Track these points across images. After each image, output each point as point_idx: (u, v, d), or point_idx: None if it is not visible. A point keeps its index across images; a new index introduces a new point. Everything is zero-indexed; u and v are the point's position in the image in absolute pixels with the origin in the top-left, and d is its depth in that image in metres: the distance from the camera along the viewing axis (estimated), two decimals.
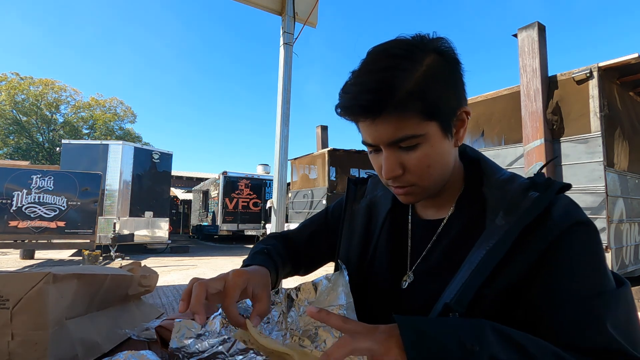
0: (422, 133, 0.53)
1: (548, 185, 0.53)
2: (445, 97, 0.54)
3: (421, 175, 0.57)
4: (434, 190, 0.60)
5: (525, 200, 0.52)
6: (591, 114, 4.36)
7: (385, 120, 0.53)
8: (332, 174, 9.27)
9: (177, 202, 19.33)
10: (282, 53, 2.83)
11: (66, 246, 7.87)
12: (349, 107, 0.54)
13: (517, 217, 0.51)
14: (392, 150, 0.55)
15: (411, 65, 0.52)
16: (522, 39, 4.97)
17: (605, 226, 4.19)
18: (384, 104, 0.51)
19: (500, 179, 0.59)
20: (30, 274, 0.52)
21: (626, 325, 0.47)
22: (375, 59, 0.54)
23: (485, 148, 5.71)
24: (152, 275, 0.97)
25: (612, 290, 0.48)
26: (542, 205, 0.51)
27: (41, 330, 0.52)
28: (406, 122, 0.52)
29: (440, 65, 0.54)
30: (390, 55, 0.53)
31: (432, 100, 0.52)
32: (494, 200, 0.56)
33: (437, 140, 0.55)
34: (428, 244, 0.63)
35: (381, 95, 0.51)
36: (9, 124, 23.85)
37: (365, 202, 0.77)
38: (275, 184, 2.81)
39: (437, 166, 0.57)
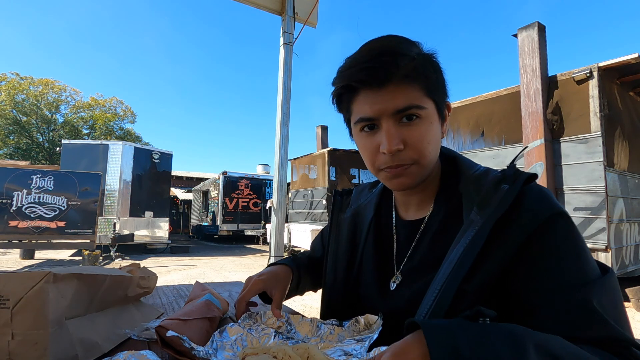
0: (425, 107, 0.56)
1: (516, 177, 0.54)
2: (441, 81, 0.58)
3: (422, 152, 0.57)
4: (426, 175, 0.61)
5: (497, 194, 0.53)
6: (591, 114, 4.36)
7: (392, 89, 0.54)
8: (332, 174, 9.27)
9: (177, 202, 19.32)
10: (282, 53, 2.83)
11: (66, 246, 7.87)
12: (359, 71, 0.54)
13: (490, 211, 0.52)
14: (394, 122, 0.56)
15: (414, 47, 0.56)
16: (522, 39, 4.97)
17: (605, 226, 4.19)
18: (396, 69, 0.53)
19: (475, 174, 0.60)
20: (30, 274, 0.52)
21: (616, 310, 0.47)
22: (383, 37, 0.57)
23: (485, 148, 5.71)
24: (151, 276, 0.97)
25: (598, 278, 0.48)
26: (511, 197, 0.52)
27: (41, 330, 0.52)
28: (412, 92, 0.54)
29: (432, 57, 0.58)
30: (397, 36, 0.57)
31: (432, 80, 0.56)
32: (469, 196, 0.57)
33: (434, 120, 0.58)
34: (412, 244, 0.65)
35: (396, 59, 0.53)
36: (9, 124, 23.83)
37: (350, 211, 0.80)
38: (275, 184, 2.81)
39: (434, 145, 0.58)
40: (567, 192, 4.53)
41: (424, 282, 0.56)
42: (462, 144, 6.14)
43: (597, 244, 4.26)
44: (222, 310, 0.89)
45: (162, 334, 0.64)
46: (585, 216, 4.37)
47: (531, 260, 0.50)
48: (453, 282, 0.51)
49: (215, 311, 0.82)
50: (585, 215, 4.36)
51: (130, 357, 0.57)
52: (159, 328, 0.66)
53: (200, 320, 0.73)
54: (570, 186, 4.51)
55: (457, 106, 6.05)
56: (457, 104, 6.04)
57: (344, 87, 0.58)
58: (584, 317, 0.46)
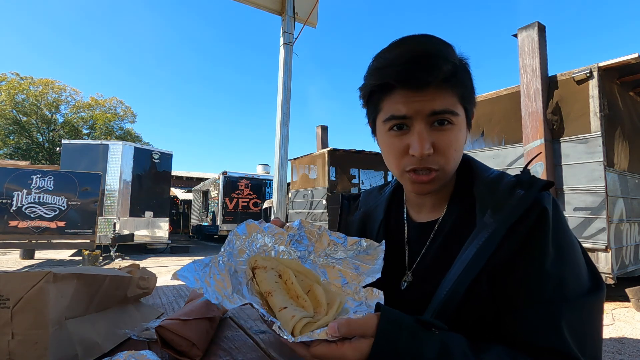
0: (458, 113, 0.56)
1: (532, 183, 0.55)
2: (472, 91, 0.59)
3: (448, 158, 0.57)
4: (447, 179, 0.62)
5: (512, 199, 0.54)
6: (591, 114, 4.36)
7: (431, 91, 0.53)
8: (332, 174, 9.27)
9: (177, 202, 19.32)
10: (282, 53, 2.83)
11: (66, 246, 7.88)
12: (397, 72, 0.53)
13: (504, 215, 0.53)
14: (426, 125, 0.55)
15: (452, 51, 0.56)
16: (522, 39, 4.98)
17: (605, 226, 4.19)
18: (436, 74, 0.52)
19: (489, 177, 0.61)
20: (30, 273, 0.53)
21: (583, 334, 0.48)
22: (417, 37, 0.56)
23: (485, 148, 5.71)
24: (151, 277, 0.97)
25: (577, 297, 0.49)
26: (527, 202, 0.52)
27: (41, 330, 0.52)
28: (448, 97, 0.54)
29: (467, 64, 0.58)
30: (432, 38, 0.56)
31: (467, 88, 0.57)
32: (483, 199, 0.58)
33: (463, 128, 0.58)
34: (424, 245, 0.65)
35: (441, 63, 0.52)
36: (9, 124, 23.83)
37: (359, 214, 0.81)
38: (275, 184, 2.81)
39: (459, 153, 0.59)
40: (567, 192, 4.53)
41: (435, 283, 0.56)
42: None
43: (597, 244, 4.26)
44: (222, 310, 0.89)
45: (162, 333, 0.64)
46: (585, 216, 4.37)
47: (522, 264, 0.51)
48: (463, 283, 0.51)
49: (215, 311, 0.82)
50: (585, 215, 4.36)
51: (130, 357, 0.57)
52: (159, 328, 0.66)
53: (200, 320, 0.73)
54: (570, 186, 4.51)
55: None
56: None
57: (379, 85, 0.56)
58: (546, 330, 0.47)
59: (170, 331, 0.64)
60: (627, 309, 4.27)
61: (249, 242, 0.65)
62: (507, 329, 0.50)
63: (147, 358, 0.58)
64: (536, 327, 0.48)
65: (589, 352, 0.48)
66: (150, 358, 0.58)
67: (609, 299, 4.64)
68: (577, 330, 0.48)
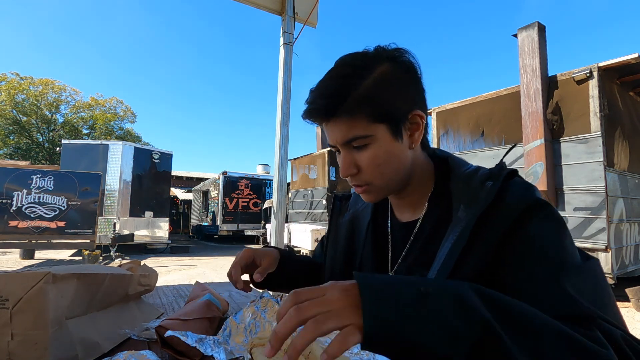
0: (371, 134, 0.58)
1: (499, 173, 0.57)
2: (394, 101, 0.59)
3: (373, 174, 0.61)
4: (390, 190, 0.65)
5: (483, 191, 0.55)
6: (591, 114, 4.36)
7: (337, 122, 0.59)
8: (332, 174, 9.27)
9: (177, 202, 19.32)
10: (282, 53, 2.82)
11: (66, 246, 7.87)
12: (308, 112, 0.60)
13: (475, 208, 0.54)
14: (347, 150, 0.61)
15: (363, 72, 0.58)
16: (522, 39, 4.98)
17: (605, 226, 4.19)
18: (335, 108, 0.57)
19: (465, 172, 0.62)
20: (30, 274, 0.52)
21: (595, 295, 0.46)
22: (335, 69, 0.61)
23: (485, 148, 5.71)
24: (152, 274, 0.97)
25: (577, 264, 0.48)
26: (493, 192, 0.54)
27: (41, 330, 0.52)
28: (355, 124, 0.58)
29: (391, 72, 0.59)
30: (346, 65, 0.60)
31: (380, 105, 0.57)
32: (458, 195, 0.59)
33: (387, 142, 0.59)
34: (406, 244, 0.66)
35: (334, 100, 0.57)
36: (9, 124, 23.81)
37: (349, 215, 0.83)
38: (275, 184, 2.81)
39: (387, 166, 0.61)
40: (567, 192, 4.52)
41: None
42: (462, 144, 6.14)
43: (597, 244, 4.26)
44: (222, 310, 0.89)
45: (162, 334, 0.64)
46: (585, 216, 4.37)
47: (510, 250, 0.51)
48: (440, 278, 0.53)
49: (215, 311, 0.82)
50: (585, 215, 4.36)
51: (130, 357, 0.57)
52: (159, 328, 0.66)
53: (200, 320, 0.73)
54: (570, 186, 4.51)
55: (457, 106, 6.06)
56: (457, 104, 6.04)
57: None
58: (558, 301, 0.45)
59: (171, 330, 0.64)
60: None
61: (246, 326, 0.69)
62: None
63: (147, 358, 0.58)
64: (548, 301, 0.46)
65: (609, 312, 0.45)
66: (150, 358, 0.58)
67: None
68: (589, 293, 0.46)
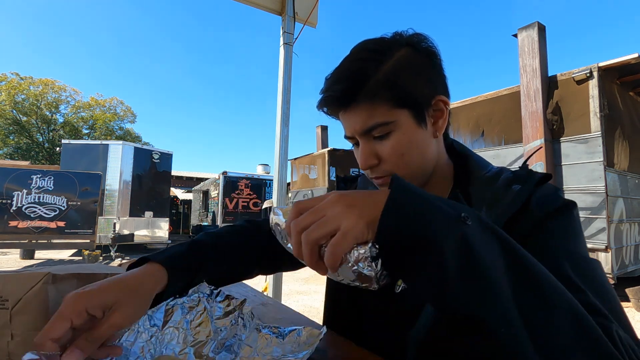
0: (393, 120, 0.54)
1: (528, 177, 0.54)
2: (416, 85, 0.55)
3: (397, 164, 0.57)
4: (415, 181, 0.60)
5: (508, 194, 0.53)
6: (591, 114, 4.36)
7: (356, 110, 0.55)
8: (332, 174, 9.28)
9: (177, 202, 19.31)
10: (282, 53, 2.82)
11: (66, 246, 7.87)
12: (325, 99, 0.57)
13: (500, 210, 0.52)
14: (367, 140, 0.57)
15: (382, 57, 0.54)
16: (522, 39, 4.97)
17: (605, 226, 4.19)
18: (354, 93, 0.54)
19: (487, 175, 0.59)
20: (29, 274, 0.52)
21: (602, 289, 0.45)
22: (352, 54, 0.57)
23: (485, 148, 5.71)
24: None
25: (589, 259, 0.48)
26: (523, 197, 0.52)
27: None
28: (376, 110, 0.54)
29: (412, 56, 0.56)
30: (365, 49, 0.56)
31: (401, 89, 0.54)
32: (479, 197, 0.57)
33: (410, 128, 0.56)
34: None
35: (352, 84, 0.53)
36: (9, 124, 23.82)
37: None
38: (275, 184, 2.81)
39: (412, 155, 0.57)
40: (567, 192, 4.52)
41: None
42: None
43: (597, 244, 4.26)
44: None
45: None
46: (585, 216, 4.37)
47: (531, 244, 0.49)
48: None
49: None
50: (585, 215, 4.36)
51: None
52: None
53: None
54: (570, 186, 4.51)
55: (457, 106, 6.06)
56: (457, 104, 6.04)
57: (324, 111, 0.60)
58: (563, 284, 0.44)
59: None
60: (627, 309, 4.26)
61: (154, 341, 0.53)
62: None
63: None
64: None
65: (613, 310, 0.43)
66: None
67: None
68: (597, 287, 0.44)
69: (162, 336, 0.54)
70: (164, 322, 0.55)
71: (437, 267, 0.33)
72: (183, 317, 0.56)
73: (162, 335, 0.54)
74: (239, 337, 0.58)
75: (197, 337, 0.55)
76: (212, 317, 0.58)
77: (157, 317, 0.55)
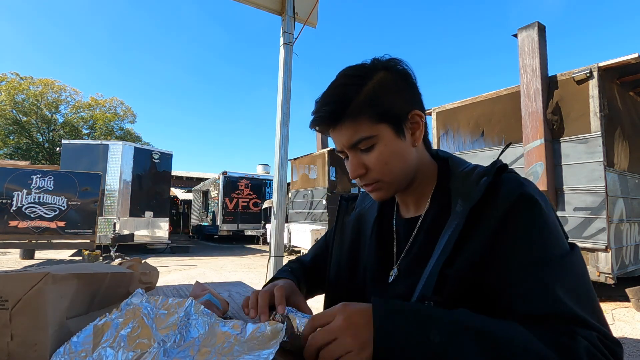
0: (375, 134, 0.63)
1: (492, 168, 0.61)
2: (393, 103, 0.63)
3: (382, 172, 0.65)
4: (400, 186, 0.68)
5: (479, 186, 0.59)
6: (591, 114, 4.36)
7: (343, 127, 0.63)
8: (332, 174, 9.28)
9: (177, 202, 19.32)
10: (282, 53, 2.82)
11: (66, 246, 7.87)
12: (314, 120, 0.65)
13: (471, 202, 0.58)
14: (354, 153, 0.65)
15: (362, 80, 0.63)
16: (522, 39, 4.97)
17: (605, 226, 4.19)
18: (340, 113, 0.62)
19: (464, 171, 0.66)
20: (29, 274, 0.52)
21: (575, 290, 0.50)
22: (336, 80, 0.66)
23: (485, 148, 5.71)
24: (153, 272, 0.97)
25: (560, 258, 0.51)
26: (484, 186, 0.58)
27: (41, 331, 0.51)
28: (360, 126, 0.62)
29: (388, 78, 0.64)
30: (347, 75, 0.65)
31: (381, 106, 0.62)
32: (457, 191, 0.63)
33: (391, 140, 0.64)
34: (410, 240, 0.70)
35: (337, 106, 0.62)
36: (9, 124, 23.81)
37: (355, 214, 0.86)
38: (275, 184, 2.81)
39: (394, 163, 0.65)
40: (567, 192, 4.52)
41: (417, 274, 0.60)
42: (462, 144, 6.14)
43: (597, 244, 4.26)
44: (222, 310, 0.89)
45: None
46: (585, 216, 4.37)
47: (499, 245, 0.54)
48: (436, 268, 0.56)
49: (215, 311, 0.81)
50: (585, 215, 4.36)
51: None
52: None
53: None
54: (570, 186, 4.51)
55: (457, 106, 6.06)
56: (457, 104, 6.04)
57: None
58: (540, 297, 0.49)
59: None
60: (627, 309, 4.26)
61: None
62: (503, 309, 0.52)
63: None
64: (531, 297, 0.50)
65: (587, 306, 0.49)
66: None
67: (609, 299, 4.65)
68: (570, 288, 0.49)
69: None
70: (94, 345, 0.51)
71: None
72: (117, 332, 0.52)
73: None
74: (193, 338, 0.54)
75: (137, 349, 0.50)
76: (153, 324, 0.54)
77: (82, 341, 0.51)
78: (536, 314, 0.49)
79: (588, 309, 0.49)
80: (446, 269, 0.55)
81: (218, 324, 0.58)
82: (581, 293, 0.50)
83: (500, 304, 0.53)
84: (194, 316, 0.58)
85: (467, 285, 0.55)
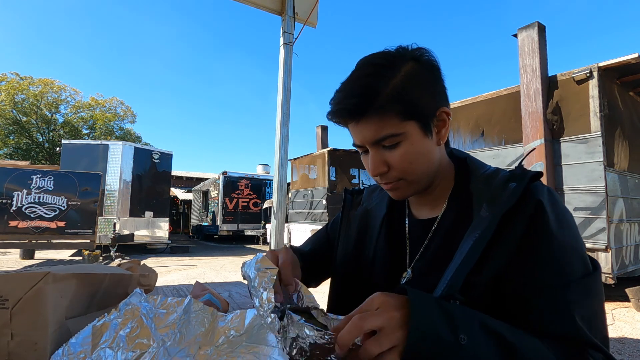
0: (402, 132, 0.58)
1: (523, 176, 0.58)
2: (422, 98, 0.59)
3: (405, 171, 0.61)
4: (421, 186, 0.65)
5: (506, 191, 0.56)
6: (591, 114, 4.36)
7: (367, 122, 0.58)
8: (332, 174, 9.27)
9: (177, 202, 19.32)
10: (282, 53, 2.82)
11: (66, 246, 7.87)
12: (336, 112, 0.60)
13: (498, 207, 0.55)
14: (377, 149, 0.61)
15: (390, 72, 0.58)
16: (522, 39, 4.97)
17: (605, 226, 4.19)
18: (365, 107, 0.57)
19: (485, 174, 0.63)
20: (29, 274, 0.52)
21: (592, 316, 0.50)
22: (360, 69, 0.61)
23: (485, 148, 5.71)
24: (151, 274, 0.97)
25: (581, 278, 0.51)
26: (518, 193, 0.55)
27: (41, 331, 0.51)
28: (386, 122, 0.58)
29: (417, 71, 0.59)
30: (372, 64, 0.60)
31: (409, 102, 0.58)
32: (479, 194, 0.60)
33: (417, 139, 0.60)
34: (425, 241, 0.66)
35: (363, 99, 0.57)
36: (9, 124, 23.81)
37: (361, 209, 0.83)
38: (275, 184, 2.81)
39: (419, 162, 0.61)
40: (567, 192, 4.52)
41: (434, 277, 0.57)
42: (462, 144, 6.14)
43: (597, 244, 4.26)
44: (222, 310, 0.89)
45: None
46: (585, 216, 4.37)
47: (523, 255, 0.53)
48: (461, 274, 0.53)
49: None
50: (585, 215, 4.36)
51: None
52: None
53: None
54: (570, 186, 4.51)
55: (457, 106, 6.05)
56: (457, 104, 6.04)
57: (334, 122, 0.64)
58: (558, 317, 0.49)
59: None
60: (627, 309, 4.26)
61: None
62: (518, 321, 0.51)
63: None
64: (547, 316, 0.50)
65: (599, 333, 0.50)
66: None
67: (609, 299, 4.64)
68: (585, 313, 0.50)
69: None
70: (93, 346, 0.50)
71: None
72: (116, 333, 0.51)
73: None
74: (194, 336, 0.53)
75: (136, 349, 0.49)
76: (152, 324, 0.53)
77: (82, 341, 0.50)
78: (552, 333, 0.49)
79: (599, 335, 0.50)
80: (472, 277, 0.53)
81: (217, 321, 0.56)
82: (596, 319, 0.51)
83: (516, 314, 0.52)
84: (193, 314, 0.56)
85: (489, 292, 0.54)
